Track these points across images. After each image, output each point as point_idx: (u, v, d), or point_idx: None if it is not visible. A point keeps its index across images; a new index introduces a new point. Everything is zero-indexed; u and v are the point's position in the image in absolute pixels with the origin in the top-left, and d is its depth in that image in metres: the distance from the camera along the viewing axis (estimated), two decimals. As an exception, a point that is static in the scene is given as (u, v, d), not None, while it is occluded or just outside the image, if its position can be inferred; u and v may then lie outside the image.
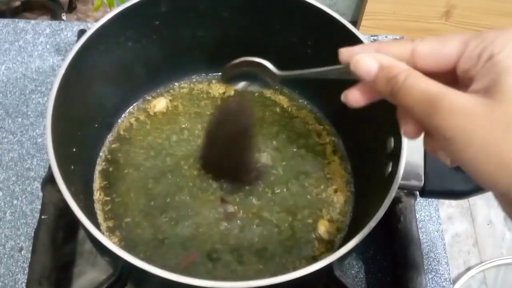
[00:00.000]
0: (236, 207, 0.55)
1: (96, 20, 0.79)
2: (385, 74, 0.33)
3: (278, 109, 0.63)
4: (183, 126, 0.61)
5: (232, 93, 0.64)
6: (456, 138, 0.28)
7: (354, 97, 0.36)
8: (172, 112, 0.62)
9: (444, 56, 0.32)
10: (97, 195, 0.56)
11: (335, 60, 0.57)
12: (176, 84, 0.64)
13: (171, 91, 0.64)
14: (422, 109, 0.30)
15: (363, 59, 0.34)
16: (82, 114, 0.54)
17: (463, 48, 0.32)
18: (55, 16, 1.18)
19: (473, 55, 0.31)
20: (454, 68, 0.32)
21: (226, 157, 0.54)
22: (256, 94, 0.64)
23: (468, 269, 1.31)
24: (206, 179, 0.57)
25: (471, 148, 0.28)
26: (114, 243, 0.49)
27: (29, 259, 0.50)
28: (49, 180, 0.53)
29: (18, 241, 0.57)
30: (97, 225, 0.53)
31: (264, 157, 0.59)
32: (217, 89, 0.64)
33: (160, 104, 0.62)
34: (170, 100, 0.63)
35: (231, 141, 0.52)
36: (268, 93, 0.64)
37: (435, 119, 0.29)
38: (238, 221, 0.55)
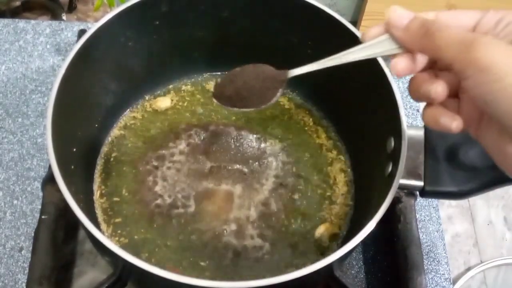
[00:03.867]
0: (236, 208, 0.55)
1: (96, 20, 0.79)
2: (419, 21, 0.35)
3: (278, 109, 0.63)
4: (183, 125, 0.61)
5: None
6: (493, 68, 0.30)
7: (401, 65, 0.37)
8: (172, 112, 0.62)
9: (461, 22, 0.36)
10: (97, 194, 0.56)
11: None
12: (176, 84, 0.64)
13: (171, 91, 0.64)
14: (457, 46, 0.32)
15: (396, 11, 0.37)
16: (82, 114, 0.54)
17: (481, 16, 0.35)
18: (55, 16, 1.18)
19: (490, 22, 0.35)
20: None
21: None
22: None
23: (468, 269, 1.31)
24: (208, 178, 0.57)
25: (508, 77, 0.30)
26: (114, 243, 0.49)
27: (29, 259, 0.50)
28: (49, 180, 0.53)
29: (18, 241, 0.57)
30: (97, 225, 0.53)
31: (263, 157, 0.59)
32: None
33: (160, 103, 0.62)
34: (172, 99, 0.63)
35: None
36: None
37: (472, 53, 0.31)
38: (238, 223, 0.55)
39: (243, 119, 0.62)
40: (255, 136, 0.60)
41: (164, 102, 0.62)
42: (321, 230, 0.55)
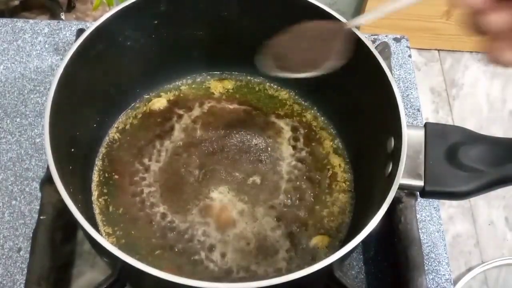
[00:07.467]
0: (235, 211, 0.55)
1: (95, 19, 0.78)
2: None
3: (277, 109, 0.63)
4: (183, 125, 0.61)
5: (230, 86, 0.64)
6: None
7: None
8: (171, 111, 0.62)
9: None
10: (95, 195, 0.56)
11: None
12: (175, 83, 0.64)
13: (170, 90, 0.63)
14: None
15: None
16: (81, 114, 0.53)
17: None
18: (54, 16, 1.18)
19: None
20: None
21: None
22: (257, 89, 0.64)
23: (469, 270, 1.30)
24: (206, 178, 0.57)
25: None
26: (112, 243, 0.48)
27: (28, 260, 0.50)
28: (47, 180, 0.53)
29: (17, 242, 0.57)
30: (95, 225, 0.53)
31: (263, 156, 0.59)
32: (217, 87, 0.64)
33: (159, 103, 0.62)
34: (170, 99, 0.62)
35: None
36: (270, 90, 0.64)
37: None
38: (237, 225, 0.54)
39: (243, 119, 0.61)
40: (255, 138, 0.60)
41: (162, 102, 0.62)
42: (321, 231, 0.55)
